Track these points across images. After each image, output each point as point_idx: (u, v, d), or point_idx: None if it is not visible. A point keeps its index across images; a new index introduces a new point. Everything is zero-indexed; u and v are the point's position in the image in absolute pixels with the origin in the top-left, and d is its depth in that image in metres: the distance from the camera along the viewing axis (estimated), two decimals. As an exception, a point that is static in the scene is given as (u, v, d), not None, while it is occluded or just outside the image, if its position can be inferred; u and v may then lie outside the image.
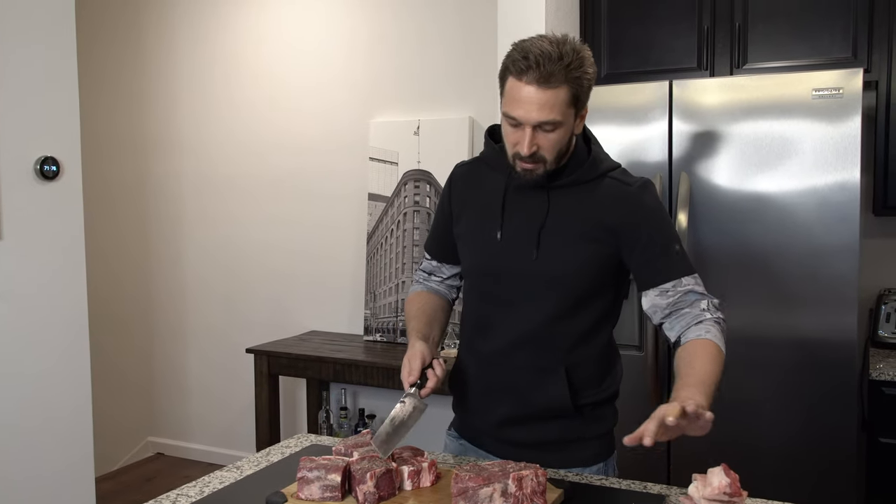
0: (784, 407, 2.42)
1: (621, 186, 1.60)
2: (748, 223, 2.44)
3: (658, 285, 1.59)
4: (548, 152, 1.53)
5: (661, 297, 1.59)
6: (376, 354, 3.50)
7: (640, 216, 1.58)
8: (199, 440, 4.47)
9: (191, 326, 4.42)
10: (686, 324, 1.56)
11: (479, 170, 1.73)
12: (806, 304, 2.38)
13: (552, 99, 1.46)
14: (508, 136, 1.55)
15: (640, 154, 2.57)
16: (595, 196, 1.60)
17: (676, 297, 1.58)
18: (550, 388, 1.62)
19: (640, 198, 1.59)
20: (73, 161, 2.78)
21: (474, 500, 1.35)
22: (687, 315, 1.57)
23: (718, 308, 1.59)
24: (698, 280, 1.61)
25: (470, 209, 1.71)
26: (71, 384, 2.78)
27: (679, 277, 1.58)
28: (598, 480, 1.60)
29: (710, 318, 1.56)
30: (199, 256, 4.36)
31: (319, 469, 1.42)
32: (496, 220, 1.64)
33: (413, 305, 1.79)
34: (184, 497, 1.53)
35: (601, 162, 1.63)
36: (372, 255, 3.81)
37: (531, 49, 1.45)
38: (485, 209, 1.67)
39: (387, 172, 3.78)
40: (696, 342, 1.52)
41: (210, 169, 4.29)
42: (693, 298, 1.58)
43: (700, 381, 1.41)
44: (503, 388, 1.67)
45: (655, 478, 2.55)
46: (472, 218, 1.70)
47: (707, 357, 1.48)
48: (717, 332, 1.54)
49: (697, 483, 1.20)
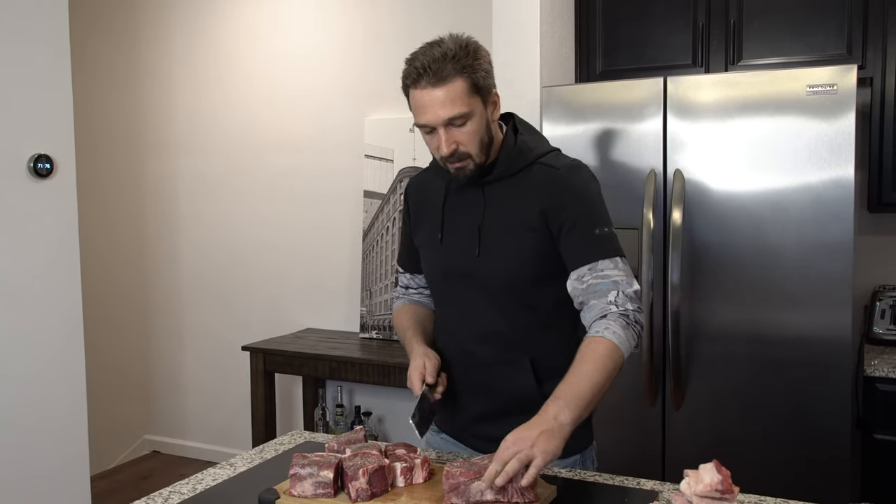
0: (778, 404, 2.42)
1: (549, 171, 1.61)
2: (742, 220, 2.44)
3: (575, 268, 1.59)
4: (468, 146, 1.56)
5: (577, 282, 1.59)
6: (372, 352, 3.50)
7: (566, 198, 1.58)
8: (196, 438, 4.46)
9: (187, 324, 4.42)
10: (593, 317, 1.56)
11: (427, 179, 1.78)
12: (800, 302, 2.38)
13: (450, 93, 1.50)
14: (430, 145, 1.59)
15: (634, 151, 2.57)
16: (527, 185, 1.61)
17: (590, 282, 1.56)
18: (517, 381, 1.64)
19: (567, 180, 1.60)
20: (68, 159, 2.77)
21: (466, 495, 1.36)
22: (594, 307, 1.56)
23: (631, 298, 1.56)
24: (619, 264, 1.58)
25: (422, 218, 1.77)
26: (66, 382, 2.77)
27: (595, 261, 1.57)
28: (591, 477, 1.59)
29: (615, 312, 1.54)
30: (195, 254, 4.35)
31: (312, 465, 1.42)
32: (438, 224, 1.70)
33: (403, 318, 1.83)
34: (177, 494, 1.52)
35: (530, 150, 1.64)
36: (368, 252, 3.81)
37: (417, 57, 1.54)
38: (431, 215, 1.73)
39: (382, 170, 3.78)
40: (592, 341, 1.51)
41: (205, 167, 4.28)
42: (605, 287, 1.55)
43: (575, 393, 1.44)
44: (473, 385, 1.69)
45: (650, 474, 2.55)
46: (424, 226, 1.75)
47: (595, 361, 1.48)
48: (619, 327, 1.52)
49: (689, 479, 1.20)
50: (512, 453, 1.35)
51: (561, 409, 1.42)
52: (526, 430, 1.39)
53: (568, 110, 2.65)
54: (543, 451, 1.36)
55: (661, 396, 2.55)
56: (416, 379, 1.61)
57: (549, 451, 1.37)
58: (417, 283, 1.88)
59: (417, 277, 1.87)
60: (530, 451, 1.36)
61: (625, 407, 2.59)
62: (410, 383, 1.62)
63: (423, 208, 1.76)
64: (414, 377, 1.62)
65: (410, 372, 1.63)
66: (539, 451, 1.36)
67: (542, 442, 1.37)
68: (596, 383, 1.47)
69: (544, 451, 1.37)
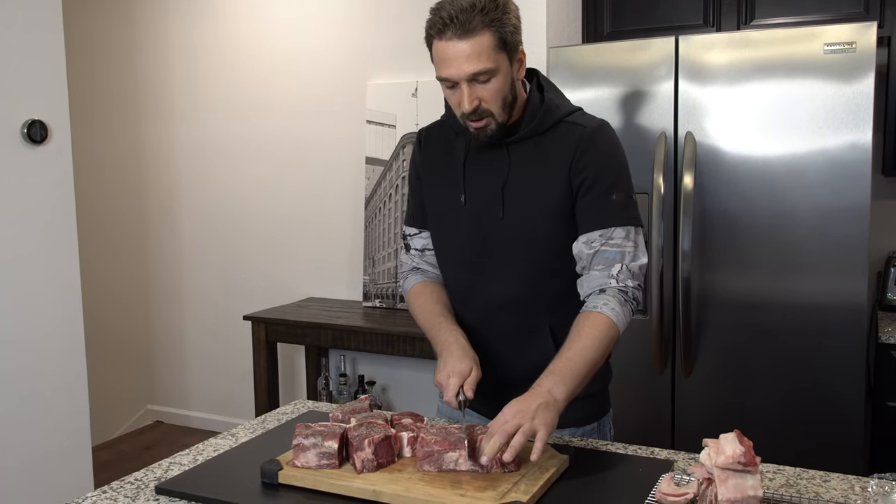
0: (790, 372, 2.38)
1: (576, 129, 1.55)
2: (756, 184, 2.38)
3: (587, 232, 1.53)
4: (491, 104, 1.48)
5: (585, 245, 1.53)
6: (375, 320, 3.45)
7: (589, 158, 1.52)
8: (199, 408, 4.44)
9: (188, 294, 4.37)
10: (590, 288, 1.51)
11: (443, 133, 1.69)
12: (814, 268, 2.32)
13: (476, 47, 1.42)
14: (451, 100, 1.51)
15: (645, 113, 2.50)
16: (553, 144, 1.55)
17: (598, 249, 1.50)
18: (536, 348, 1.59)
19: (593, 139, 1.53)
20: (62, 124, 2.70)
21: (439, 463, 1.34)
22: (594, 278, 1.51)
23: (633, 274, 1.50)
24: (632, 234, 1.51)
25: (436, 174, 1.67)
26: (65, 352, 2.73)
27: (608, 226, 1.51)
28: (603, 446, 1.55)
29: (615, 287, 1.49)
30: (195, 223, 4.29)
31: (316, 436, 1.38)
32: (459, 184, 1.61)
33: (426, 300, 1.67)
34: (176, 465, 1.48)
35: (557, 108, 1.57)
36: (370, 220, 3.75)
37: (444, 7, 1.44)
38: (449, 174, 1.64)
39: (384, 135, 3.71)
40: (589, 316, 1.47)
41: (204, 135, 4.21)
42: (611, 256, 1.50)
43: (570, 369, 1.41)
44: (489, 353, 1.63)
45: (659, 441, 2.52)
46: (438, 184, 1.66)
47: (593, 337, 1.45)
48: (617, 304, 1.47)
49: (709, 450, 1.15)
50: (514, 426, 1.31)
51: (556, 383, 1.39)
52: (523, 403, 1.34)
53: (575, 72, 2.57)
54: (545, 423, 1.32)
55: (670, 364, 2.51)
56: (456, 386, 1.44)
57: (550, 424, 1.34)
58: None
59: None
60: (532, 424, 1.31)
61: (634, 374, 2.55)
62: (445, 385, 1.45)
63: (440, 163, 1.67)
64: (453, 382, 1.44)
65: (451, 373, 1.45)
66: (540, 423, 1.32)
67: (541, 414, 1.33)
68: (591, 360, 1.44)
69: (546, 424, 1.32)
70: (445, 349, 1.52)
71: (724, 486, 1.10)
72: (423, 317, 1.65)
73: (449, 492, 1.27)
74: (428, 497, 1.25)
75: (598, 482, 1.35)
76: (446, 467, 1.35)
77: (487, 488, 1.28)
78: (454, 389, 1.44)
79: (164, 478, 1.42)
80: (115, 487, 1.38)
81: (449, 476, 1.32)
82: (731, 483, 1.11)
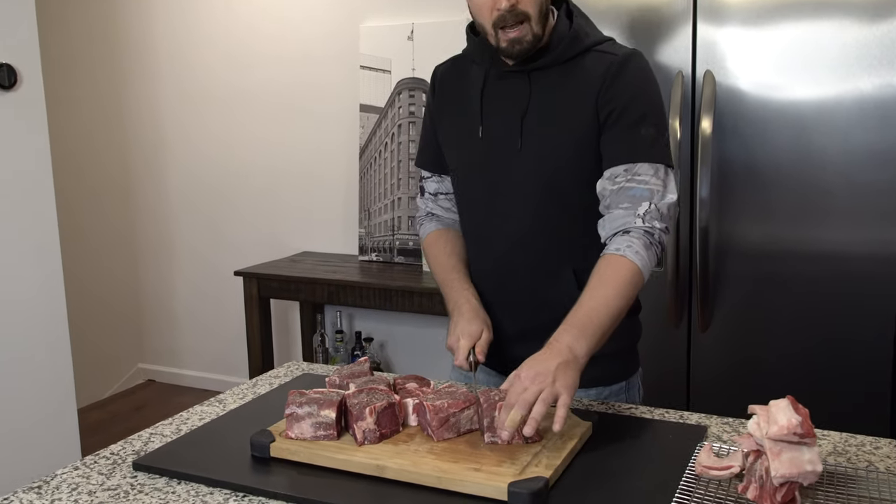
0: (812, 327, 2.24)
1: (606, 57, 1.40)
2: (779, 128, 2.21)
3: (611, 167, 1.38)
4: (529, 6, 1.34)
5: (609, 181, 1.38)
6: (372, 275, 3.31)
7: (618, 87, 1.38)
8: (191, 366, 4.31)
9: (176, 249, 4.21)
10: (613, 228, 1.37)
11: (460, 67, 1.56)
12: (843, 215, 2.18)
13: None
14: (483, 7, 1.35)
15: (660, 51, 2.32)
16: (580, 73, 1.41)
17: (623, 185, 1.36)
18: (559, 295, 1.44)
19: (623, 67, 1.39)
20: (33, 69, 2.51)
21: (457, 427, 1.23)
22: (618, 217, 1.36)
23: (662, 215, 1.36)
24: (661, 173, 1.37)
25: (451, 110, 1.54)
26: (46, 312, 2.58)
27: (635, 161, 1.36)
28: (626, 410, 1.42)
29: (640, 228, 1.34)
30: (182, 176, 4.11)
31: (311, 404, 1.23)
32: (476, 116, 1.47)
33: (440, 251, 1.58)
34: (158, 437, 1.34)
35: (586, 36, 1.43)
36: (365, 170, 3.58)
37: None
38: (465, 107, 1.50)
39: (379, 81, 3.52)
40: (614, 260, 1.33)
41: (191, 84, 4.00)
42: (638, 194, 1.35)
43: (592, 322, 1.27)
44: (507, 302, 1.50)
45: (673, 398, 2.40)
46: (454, 118, 1.53)
47: (617, 285, 1.30)
48: (641, 246, 1.33)
49: (758, 418, 1.01)
50: (534, 394, 1.17)
51: (576, 338, 1.25)
52: (541, 363, 1.20)
53: (589, 8, 2.38)
54: (567, 386, 1.18)
55: (686, 317, 2.37)
56: (466, 348, 1.37)
57: (572, 386, 1.20)
58: (448, 188, 1.63)
59: (447, 179, 1.62)
60: (554, 389, 1.17)
61: (647, 327, 2.41)
62: (455, 348, 1.38)
63: (455, 98, 1.54)
64: (464, 345, 1.37)
65: (461, 335, 1.39)
66: (562, 386, 1.18)
67: (562, 376, 1.19)
68: (614, 311, 1.30)
69: (568, 387, 1.18)
70: (456, 310, 1.44)
71: (777, 461, 0.97)
72: (437, 270, 1.57)
73: (462, 467, 1.13)
74: (439, 473, 1.11)
75: (625, 452, 1.22)
76: (465, 429, 1.23)
77: (505, 462, 1.14)
78: (465, 353, 1.37)
79: (143, 451, 1.28)
80: (88, 463, 1.24)
81: (461, 448, 1.19)
82: (786, 457, 0.97)
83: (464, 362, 1.37)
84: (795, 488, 0.98)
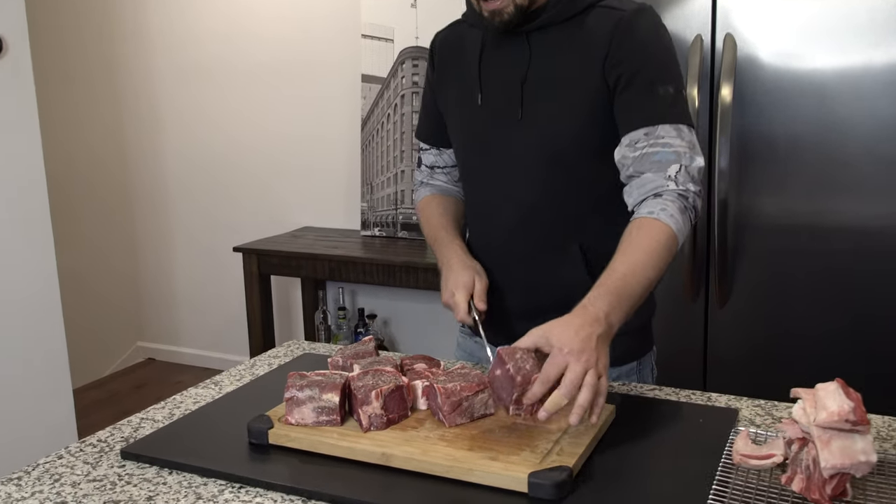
0: (836, 305, 2.15)
1: (612, 13, 1.29)
2: (804, 94, 2.10)
3: (629, 132, 1.28)
4: None
5: (629, 148, 1.28)
6: (375, 250, 3.22)
7: (628, 46, 1.27)
8: (191, 344, 4.23)
9: (174, 225, 4.11)
10: (643, 193, 1.27)
11: (459, 32, 1.46)
12: (869, 187, 2.07)
13: None
14: None
15: (678, 14, 2.21)
16: (583, 32, 1.30)
17: (646, 151, 1.26)
18: (565, 271, 1.36)
19: (632, 24, 1.28)
20: (20, 37, 2.41)
21: (471, 412, 1.13)
22: (648, 182, 1.26)
23: (693, 178, 1.26)
24: (684, 133, 1.27)
25: (451, 77, 1.45)
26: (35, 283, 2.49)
27: (654, 124, 1.26)
28: (650, 391, 1.33)
29: (673, 191, 1.24)
30: (179, 149, 4.00)
31: (312, 387, 1.14)
32: (475, 82, 1.38)
33: (432, 212, 1.52)
34: (149, 422, 1.25)
35: None
36: (367, 142, 3.47)
37: None
38: (465, 73, 1.40)
39: (381, 51, 3.40)
40: (647, 224, 1.22)
41: (186, 57, 3.88)
42: (665, 158, 1.26)
43: (626, 288, 1.14)
44: (512, 279, 1.41)
45: (689, 377, 2.31)
46: (454, 86, 1.44)
47: (652, 251, 1.19)
48: (676, 209, 1.22)
49: (804, 404, 0.92)
50: (580, 375, 1.03)
51: (612, 307, 1.12)
52: (581, 332, 1.06)
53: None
54: (607, 366, 1.08)
55: (703, 292, 2.28)
56: (463, 300, 1.32)
57: (608, 366, 1.09)
58: (445, 161, 1.56)
59: (446, 153, 1.55)
60: (598, 370, 1.05)
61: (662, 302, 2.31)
62: (452, 303, 1.33)
63: (454, 65, 1.44)
64: (460, 298, 1.32)
65: (454, 288, 1.33)
66: (604, 367, 1.06)
67: (603, 355, 1.08)
68: (649, 279, 1.19)
69: (606, 367, 1.08)
70: (445, 266, 1.39)
71: (826, 450, 0.88)
72: (428, 231, 1.51)
73: (476, 455, 1.04)
74: (451, 462, 1.02)
75: (653, 438, 1.13)
76: (478, 413, 1.13)
77: (523, 448, 1.05)
78: (464, 306, 1.31)
79: (133, 438, 1.19)
80: (73, 451, 1.16)
81: (475, 434, 1.09)
82: (836, 446, 0.88)
83: (465, 316, 1.30)
84: (847, 480, 0.89)
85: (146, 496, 1.02)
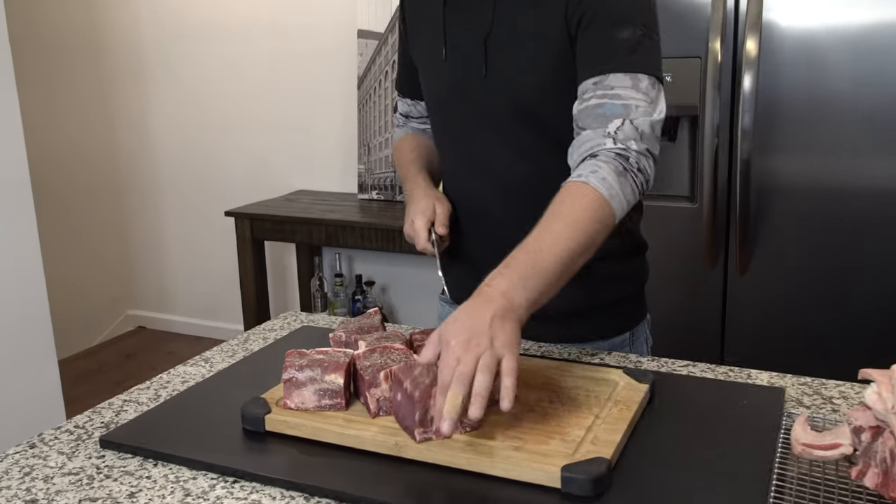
0: (862, 275, 2.03)
1: None
2: (835, 50, 1.97)
3: (581, 83, 1.14)
4: None
5: (578, 101, 1.15)
6: (373, 214, 3.09)
7: None
8: (182, 312, 4.11)
9: (163, 188, 3.97)
10: (581, 153, 1.12)
11: None
12: (902, 144, 1.95)
13: None
14: None
15: (700, -41, 2.06)
16: None
17: (591, 102, 1.11)
18: None
19: None
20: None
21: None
22: (587, 141, 1.11)
23: (643, 134, 1.10)
24: (642, 84, 1.11)
25: (420, 30, 1.33)
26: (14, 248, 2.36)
27: (606, 73, 1.11)
28: (682, 368, 1.21)
29: (610, 150, 1.09)
30: (170, 110, 3.84)
31: (313, 367, 1.02)
32: (440, 35, 1.26)
33: (403, 149, 1.46)
34: (132, 405, 1.13)
35: None
36: (364, 101, 3.32)
37: None
38: (431, 26, 1.29)
39: (379, 4, 3.24)
40: (570, 188, 1.07)
41: (175, 15, 3.70)
42: (610, 111, 1.10)
43: (537, 265, 0.99)
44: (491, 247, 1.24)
45: (706, 347, 2.21)
46: (423, 39, 1.32)
47: (571, 219, 1.03)
48: (610, 172, 1.07)
49: (880, 388, 0.80)
50: (471, 363, 0.89)
51: (514, 284, 0.97)
52: (471, 318, 0.93)
53: None
54: (507, 343, 0.91)
55: (723, 258, 2.16)
56: (423, 227, 1.24)
57: (514, 342, 0.92)
58: (419, 111, 1.47)
59: (420, 104, 1.46)
60: (494, 351, 0.91)
61: (679, 268, 2.21)
62: (412, 232, 1.26)
63: (422, 17, 1.32)
64: (419, 224, 1.25)
65: (413, 217, 1.26)
66: (503, 346, 0.91)
67: (499, 331, 0.92)
68: (569, 252, 1.01)
69: (509, 344, 0.91)
70: (408, 199, 1.33)
71: (909, 442, 0.76)
72: (400, 166, 1.45)
73: (499, 444, 0.92)
74: (472, 454, 0.91)
75: (693, 424, 1.01)
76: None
77: (553, 437, 0.93)
78: (424, 234, 1.24)
79: (114, 423, 1.07)
80: (47, 440, 1.03)
81: (497, 420, 0.97)
82: (921, 437, 0.76)
83: (426, 244, 1.24)
84: (932, 477, 0.78)
85: (127, 492, 0.90)
